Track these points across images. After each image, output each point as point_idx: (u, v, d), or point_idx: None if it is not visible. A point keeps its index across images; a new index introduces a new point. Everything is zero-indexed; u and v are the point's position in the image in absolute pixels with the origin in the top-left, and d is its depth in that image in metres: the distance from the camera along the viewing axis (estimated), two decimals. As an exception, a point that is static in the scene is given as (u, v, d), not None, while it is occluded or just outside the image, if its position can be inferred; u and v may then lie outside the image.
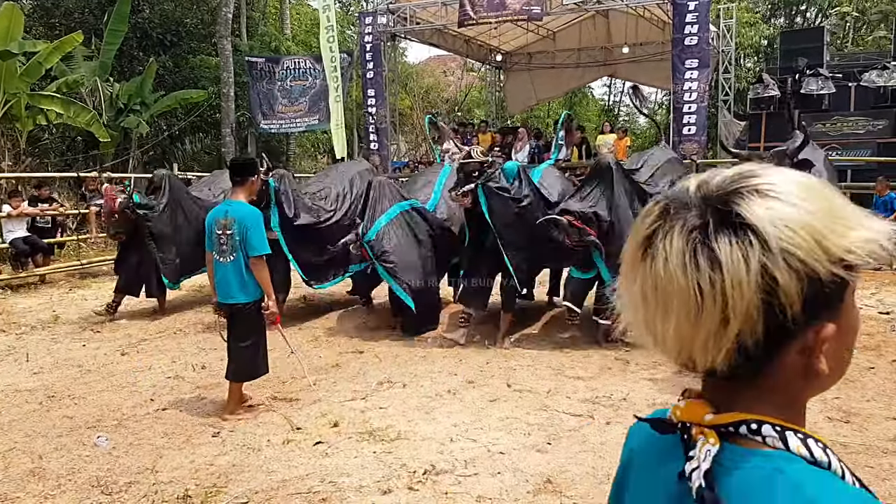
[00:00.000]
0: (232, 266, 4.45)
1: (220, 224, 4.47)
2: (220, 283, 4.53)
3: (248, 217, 4.44)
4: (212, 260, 4.55)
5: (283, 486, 3.54)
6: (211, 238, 4.52)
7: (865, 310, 7.04)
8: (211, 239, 4.52)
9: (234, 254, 4.43)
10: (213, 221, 4.52)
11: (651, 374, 5.27)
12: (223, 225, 4.45)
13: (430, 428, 4.29)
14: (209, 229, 4.54)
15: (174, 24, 19.33)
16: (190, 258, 7.41)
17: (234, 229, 4.41)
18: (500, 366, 5.57)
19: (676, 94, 13.02)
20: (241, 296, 4.49)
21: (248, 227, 4.40)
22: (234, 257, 4.44)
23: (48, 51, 13.88)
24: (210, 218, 4.58)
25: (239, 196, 4.56)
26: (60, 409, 4.86)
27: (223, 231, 4.45)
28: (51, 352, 6.37)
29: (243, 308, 4.51)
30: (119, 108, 16.12)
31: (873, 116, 11.92)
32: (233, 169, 4.69)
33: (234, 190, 4.63)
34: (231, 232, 4.42)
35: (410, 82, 26.90)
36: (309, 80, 17.68)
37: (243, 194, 4.57)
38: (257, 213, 4.55)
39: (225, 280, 4.49)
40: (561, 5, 14.72)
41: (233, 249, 4.43)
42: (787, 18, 24.62)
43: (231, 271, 4.46)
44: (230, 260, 4.45)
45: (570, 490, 3.42)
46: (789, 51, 13.22)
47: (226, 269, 4.47)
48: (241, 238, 4.40)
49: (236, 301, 4.49)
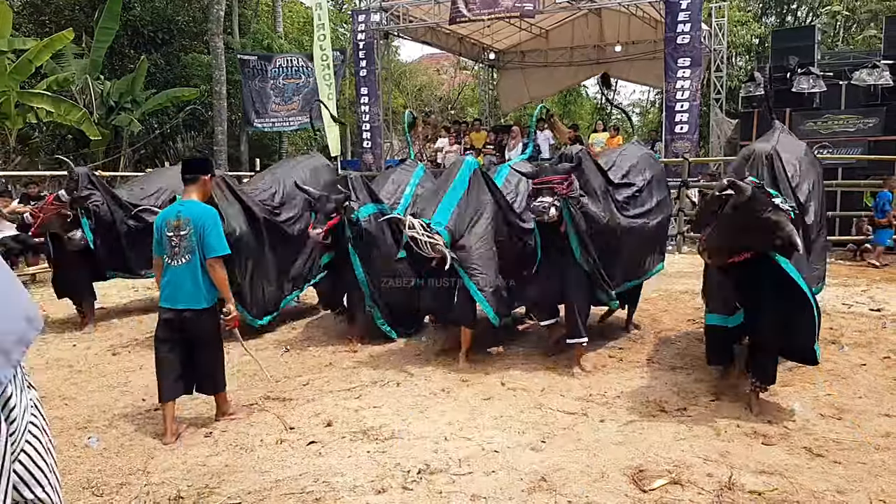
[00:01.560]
0: (186, 269, 4.18)
1: (172, 225, 4.19)
2: (167, 287, 4.22)
3: (203, 216, 4.20)
4: (160, 264, 4.27)
5: (276, 487, 3.53)
6: (161, 241, 4.24)
7: (856, 307, 7.08)
8: (161, 242, 4.24)
9: (189, 255, 4.17)
10: (164, 223, 4.24)
11: (644, 371, 5.27)
12: (175, 226, 4.18)
13: (425, 427, 4.28)
14: (159, 232, 4.26)
15: (166, 22, 19.22)
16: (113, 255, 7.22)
17: (189, 229, 4.16)
18: (494, 364, 5.57)
19: (668, 93, 13.05)
20: (193, 301, 4.20)
21: (204, 227, 4.16)
22: (189, 259, 4.17)
23: (38, 48, 13.79)
24: (160, 219, 4.30)
25: (192, 195, 4.32)
26: (51, 410, 4.82)
27: (175, 232, 4.17)
28: (41, 352, 6.32)
29: (197, 315, 4.21)
30: (110, 106, 16.05)
31: (863, 114, 11.98)
32: (185, 167, 4.44)
33: (186, 189, 4.37)
34: (185, 233, 4.16)
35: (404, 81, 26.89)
36: (302, 79, 17.65)
37: (197, 193, 4.35)
38: (213, 211, 4.31)
39: (175, 284, 4.19)
40: (554, 3, 14.73)
41: (187, 251, 4.16)
42: (779, 17, 24.72)
43: (184, 275, 4.18)
44: (183, 262, 4.17)
45: (564, 488, 3.42)
46: (781, 49, 13.25)
47: (177, 273, 4.18)
48: (197, 239, 4.16)
49: (188, 306, 4.18)
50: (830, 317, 6.54)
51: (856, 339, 5.93)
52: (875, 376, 5.01)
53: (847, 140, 11.98)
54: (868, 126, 11.91)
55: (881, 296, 7.62)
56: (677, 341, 6.03)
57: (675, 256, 10.70)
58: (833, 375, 5.01)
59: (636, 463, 3.68)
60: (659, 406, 4.53)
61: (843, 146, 11.94)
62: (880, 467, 3.60)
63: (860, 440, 3.93)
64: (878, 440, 3.93)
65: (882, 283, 8.41)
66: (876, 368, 5.19)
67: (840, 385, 4.84)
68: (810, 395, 4.65)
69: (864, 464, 3.64)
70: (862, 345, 5.76)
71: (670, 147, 12.92)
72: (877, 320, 6.53)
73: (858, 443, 3.90)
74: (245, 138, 19.09)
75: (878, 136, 11.71)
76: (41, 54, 13.88)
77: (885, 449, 3.82)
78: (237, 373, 5.56)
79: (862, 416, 4.29)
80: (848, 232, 11.08)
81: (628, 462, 3.69)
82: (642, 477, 3.51)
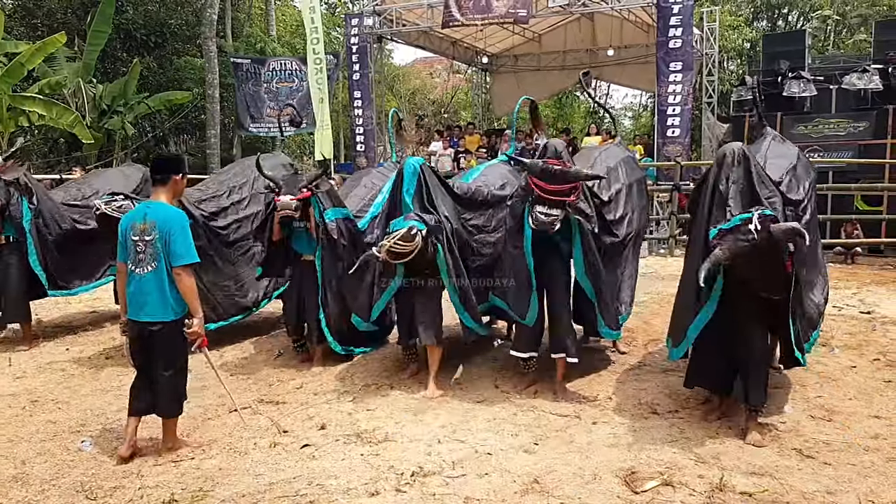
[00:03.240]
0: (151, 277, 3.86)
1: (138, 229, 3.88)
2: (133, 297, 3.91)
3: (171, 220, 3.89)
4: (124, 271, 3.97)
5: (270, 490, 3.53)
6: (125, 246, 3.94)
7: (847, 309, 7.14)
8: (125, 247, 3.94)
9: (155, 263, 3.85)
10: (129, 226, 3.93)
11: (637, 374, 5.30)
12: (141, 230, 3.87)
13: (418, 429, 4.29)
14: (123, 236, 3.96)
15: (158, 25, 19.19)
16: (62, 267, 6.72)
17: (155, 234, 3.84)
18: (487, 367, 5.58)
19: (660, 97, 13.11)
20: (160, 313, 3.87)
21: (170, 232, 3.84)
22: (155, 267, 3.85)
23: (30, 52, 13.77)
24: (125, 223, 3.99)
25: (160, 197, 3.99)
26: (44, 414, 4.81)
27: (140, 237, 3.86)
28: (34, 356, 6.30)
29: (164, 328, 3.88)
30: (102, 109, 16.01)
31: (854, 118, 12.06)
32: (154, 166, 4.13)
33: (155, 190, 4.04)
34: (151, 238, 3.84)
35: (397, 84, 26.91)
36: (296, 83, 17.64)
37: (165, 195, 4.01)
38: (182, 215, 4.02)
39: (141, 294, 3.87)
40: (546, 8, 14.79)
41: (153, 258, 3.85)
42: (770, 22, 24.87)
43: (150, 284, 3.86)
44: (149, 270, 3.85)
45: (557, 490, 3.44)
46: (771, 54, 13.35)
47: (143, 282, 3.86)
48: (162, 245, 3.84)
49: (154, 319, 3.87)
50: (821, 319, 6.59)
51: (846, 341, 5.98)
52: (865, 378, 5.05)
53: (838, 144, 12.07)
54: (858, 130, 11.99)
55: (871, 298, 7.68)
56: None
57: (667, 259, 10.75)
58: (824, 377, 5.05)
59: (628, 465, 3.70)
60: (651, 408, 4.55)
61: (833, 150, 12.02)
62: (869, 468, 3.64)
63: (850, 441, 3.97)
64: (867, 441, 3.97)
65: (872, 286, 8.47)
66: (866, 370, 5.23)
67: (830, 387, 4.88)
68: (801, 396, 4.68)
69: (854, 465, 3.68)
70: (852, 347, 5.81)
71: (662, 151, 12.99)
72: (867, 323, 6.58)
73: (848, 444, 3.94)
74: (238, 141, 19.07)
75: (869, 140, 11.80)
76: (33, 58, 13.86)
77: (875, 450, 3.85)
78: (229, 377, 5.56)
79: (852, 418, 4.33)
80: (838, 236, 11.15)
81: (620, 464, 3.71)
82: (634, 478, 3.53)
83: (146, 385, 4.02)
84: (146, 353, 3.99)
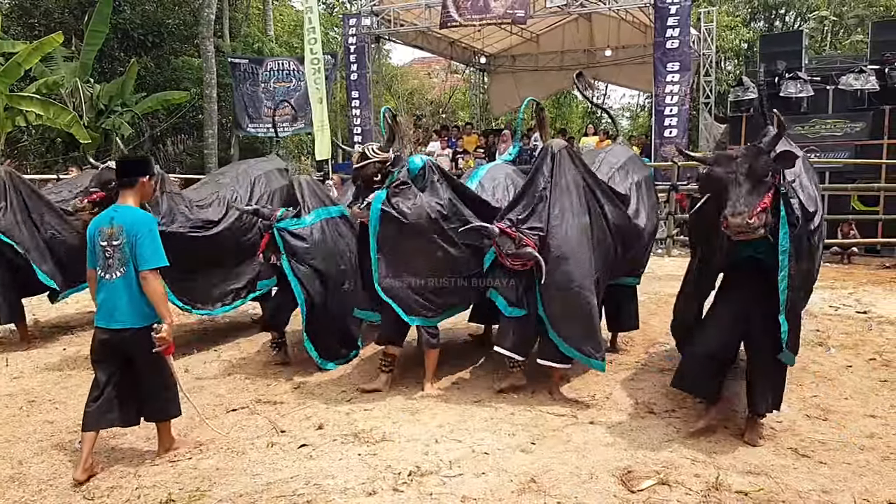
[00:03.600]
0: (121, 283, 3.75)
1: (105, 234, 3.77)
2: (104, 303, 3.81)
3: (138, 223, 3.78)
4: (94, 278, 3.87)
5: (267, 490, 3.54)
6: (94, 251, 3.83)
7: (843, 309, 7.16)
8: (94, 253, 3.84)
9: (124, 268, 3.75)
10: (96, 231, 3.82)
11: (634, 374, 5.31)
12: (108, 235, 3.77)
13: (415, 429, 4.30)
14: (91, 241, 3.85)
15: (156, 25, 19.19)
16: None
17: (123, 239, 3.74)
18: (485, 367, 5.59)
19: (658, 97, 13.15)
20: (131, 319, 3.77)
21: (137, 235, 3.74)
22: (124, 272, 3.75)
23: (27, 51, 13.75)
24: (92, 228, 3.87)
25: (128, 200, 3.89)
26: (41, 414, 4.81)
27: (108, 242, 3.76)
28: (30, 356, 6.29)
29: (136, 335, 3.76)
30: (100, 109, 16.00)
31: (851, 119, 12.10)
32: (120, 168, 4.02)
33: (122, 193, 3.93)
34: (119, 242, 3.74)
35: (395, 84, 26.92)
36: (293, 83, 17.65)
37: (133, 198, 3.91)
38: (150, 218, 3.93)
39: (111, 301, 3.77)
40: (544, 8, 14.82)
41: (121, 263, 3.75)
42: (767, 22, 24.94)
43: (119, 290, 3.76)
44: (118, 276, 3.75)
45: (554, 489, 3.45)
46: (769, 54, 13.38)
47: (112, 288, 3.77)
48: (130, 249, 3.74)
49: (124, 325, 3.76)
50: (818, 319, 6.61)
51: (842, 341, 5.99)
52: (861, 378, 5.07)
53: (834, 144, 12.11)
54: (855, 130, 12.03)
55: (868, 298, 7.70)
56: (666, 343, 6.07)
57: (664, 259, 10.76)
58: (819, 377, 5.07)
59: (625, 464, 3.71)
60: (647, 408, 4.57)
61: (830, 150, 12.06)
62: (864, 467, 3.65)
63: (845, 441, 3.99)
64: (862, 441, 3.99)
65: (868, 286, 8.49)
66: (862, 370, 5.25)
67: (826, 386, 4.90)
68: (797, 396, 4.70)
69: (849, 464, 3.70)
70: (848, 347, 5.82)
71: (660, 151, 13.02)
72: (863, 323, 6.60)
73: (843, 443, 3.95)
74: (235, 141, 19.07)
75: (865, 141, 11.85)
76: (30, 57, 13.83)
77: (870, 449, 3.87)
78: (227, 376, 5.56)
79: (847, 417, 4.34)
80: (834, 236, 11.18)
81: (617, 463, 3.72)
82: (631, 478, 3.55)
83: (109, 397, 3.85)
84: (115, 362, 3.86)
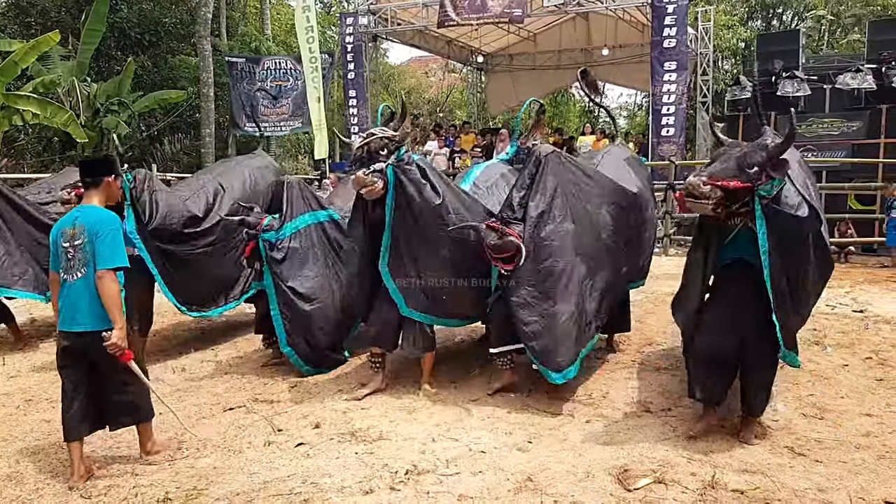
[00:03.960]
0: (82, 284, 3.61)
1: (67, 235, 3.63)
2: (65, 306, 3.67)
3: (99, 222, 3.63)
4: (57, 280, 3.72)
5: (264, 488, 3.54)
6: (56, 254, 3.70)
7: (840, 308, 7.17)
8: (56, 255, 3.70)
9: (84, 269, 3.60)
10: (59, 233, 3.68)
11: (630, 373, 5.32)
12: (70, 235, 3.62)
13: (412, 428, 4.31)
14: (54, 244, 3.72)
15: (153, 24, 19.16)
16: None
17: (84, 238, 3.60)
18: (482, 366, 5.60)
19: (655, 96, 13.16)
20: (91, 322, 3.62)
21: (97, 234, 3.59)
22: (84, 273, 3.60)
23: (24, 50, 13.71)
24: (55, 230, 3.73)
25: (92, 200, 3.76)
26: (38, 413, 4.81)
27: (70, 242, 3.61)
28: (27, 355, 6.29)
29: (99, 338, 3.59)
30: (97, 108, 15.95)
31: (847, 118, 12.12)
32: (84, 168, 3.89)
33: (86, 194, 3.81)
34: (80, 242, 3.60)
35: (392, 83, 26.91)
36: (291, 82, 17.62)
37: (97, 198, 3.77)
38: (112, 217, 3.72)
39: (72, 303, 3.63)
40: (541, 7, 14.82)
41: (83, 264, 3.60)
42: (764, 21, 24.97)
43: (80, 291, 3.61)
44: (78, 277, 3.61)
45: (550, 488, 3.45)
46: (766, 53, 13.39)
47: (73, 290, 3.63)
48: (91, 248, 3.59)
49: (85, 329, 3.62)
50: (814, 318, 6.60)
51: (839, 339, 6.01)
52: (857, 377, 5.08)
53: (831, 143, 12.12)
54: (852, 129, 12.05)
55: (864, 297, 7.72)
56: (662, 343, 6.08)
57: (661, 259, 10.77)
58: (816, 376, 5.08)
59: (621, 462, 3.72)
60: (644, 406, 4.58)
61: (827, 149, 12.08)
62: (860, 466, 3.66)
63: (841, 439, 3.99)
64: (858, 439, 3.99)
65: (865, 285, 8.52)
66: (858, 369, 5.26)
67: (822, 385, 4.91)
68: (793, 395, 4.71)
69: (845, 462, 3.70)
70: (845, 346, 5.84)
71: (657, 150, 13.03)
72: (859, 321, 6.61)
73: (839, 442, 3.96)
74: (233, 140, 19.03)
75: (862, 140, 11.87)
76: (27, 56, 13.79)
77: (866, 448, 3.88)
78: (223, 375, 5.56)
79: (843, 416, 4.35)
80: (831, 235, 11.18)
81: (613, 462, 3.73)
82: (627, 476, 3.55)
83: (82, 404, 3.76)
84: (80, 367, 3.76)
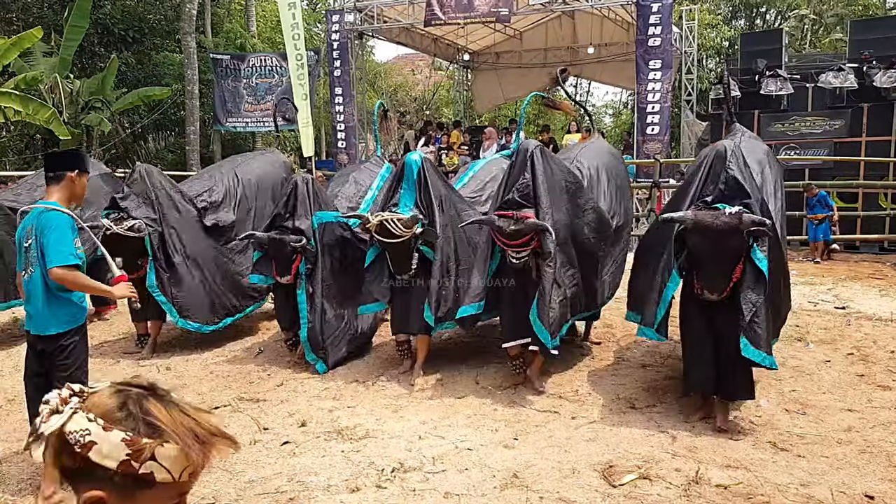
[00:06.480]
0: (31, 282, 3.48)
1: (27, 232, 3.49)
2: (26, 306, 3.59)
3: (44, 220, 3.39)
4: (21, 281, 3.60)
5: (250, 487, 3.53)
6: (20, 253, 3.57)
7: (822, 304, 7.25)
8: (20, 254, 3.57)
9: (33, 267, 3.46)
10: (22, 232, 3.53)
11: (615, 369, 5.35)
12: (27, 233, 3.49)
13: (399, 426, 4.31)
14: (18, 243, 3.59)
15: (136, 20, 18.96)
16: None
17: (32, 238, 3.44)
18: (468, 364, 5.61)
19: (640, 94, 13.21)
20: (42, 325, 3.47)
21: (42, 231, 3.37)
22: (33, 271, 3.46)
23: (6, 47, 13.53)
24: (21, 228, 3.58)
25: (52, 196, 3.49)
26: (21, 413, 4.75)
27: (27, 241, 3.48)
28: (10, 354, 6.22)
29: (49, 342, 3.45)
30: (80, 105, 15.78)
31: (830, 116, 12.23)
32: (47, 163, 3.70)
33: (48, 189, 3.55)
34: (31, 241, 3.45)
35: (378, 81, 26.84)
36: (275, 79, 17.52)
37: (58, 194, 3.50)
38: (59, 216, 3.42)
39: (29, 302, 3.53)
40: (527, 6, 14.82)
41: (33, 263, 3.46)
42: (748, 20, 25.16)
43: (33, 290, 3.48)
44: (28, 275, 3.49)
45: (536, 484, 3.47)
46: (749, 52, 13.48)
47: (28, 287, 3.50)
48: (38, 247, 3.41)
49: (37, 332, 3.49)
50: (797, 315, 6.68)
51: (821, 336, 6.08)
52: (839, 372, 5.14)
53: (814, 141, 12.24)
54: (834, 128, 12.16)
55: (846, 294, 7.80)
56: (648, 339, 6.11)
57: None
58: (798, 372, 5.13)
59: (606, 459, 3.74)
60: (629, 403, 4.61)
61: (809, 147, 12.19)
62: (842, 460, 3.71)
63: (823, 434, 4.04)
64: (840, 434, 4.05)
65: (847, 282, 8.61)
66: (840, 365, 5.32)
67: (805, 381, 4.96)
68: (776, 390, 4.76)
69: (827, 457, 3.75)
70: (827, 342, 5.90)
71: (642, 148, 13.09)
72: (841, 318, 6.69)
73: (822, 437, 4.01)
74: (217, 138, 18.91)
75: (844, 138, 11.98)
76: (9, 52, 13.62)
77: (847, 443, 3.93)
78: (209, 374, 5.54)
79: (825, 412, 4.41)
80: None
81: (599, 458, 3.76)
82: (612, 472, 3.58)
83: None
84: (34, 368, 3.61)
